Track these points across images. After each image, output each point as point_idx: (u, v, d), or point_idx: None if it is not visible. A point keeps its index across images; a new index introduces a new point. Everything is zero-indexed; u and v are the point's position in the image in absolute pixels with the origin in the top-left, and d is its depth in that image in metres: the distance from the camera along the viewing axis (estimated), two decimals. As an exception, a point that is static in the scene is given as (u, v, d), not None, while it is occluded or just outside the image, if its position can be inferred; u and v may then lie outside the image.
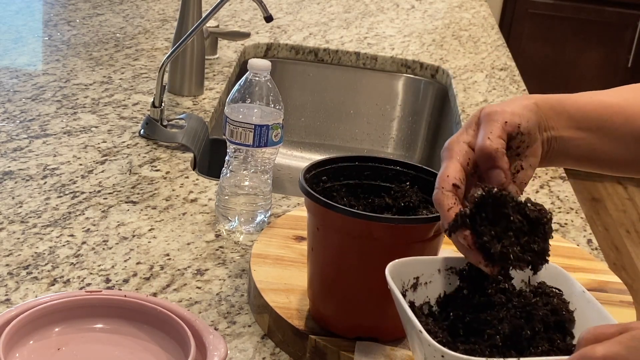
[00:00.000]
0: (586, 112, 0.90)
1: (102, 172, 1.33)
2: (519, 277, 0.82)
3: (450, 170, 0.81)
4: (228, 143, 1.18)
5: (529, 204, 0.78)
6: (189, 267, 1.10)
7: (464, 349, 0.75)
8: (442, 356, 0.69)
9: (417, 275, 0.82)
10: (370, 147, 2.02)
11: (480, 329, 0.78)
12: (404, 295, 0.80)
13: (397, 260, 0.81)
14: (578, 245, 1.25)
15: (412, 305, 0.80)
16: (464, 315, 0.80)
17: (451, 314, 0.80)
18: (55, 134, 1.44)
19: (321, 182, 0.96)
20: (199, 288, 1.06)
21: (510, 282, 0.81)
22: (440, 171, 0.82)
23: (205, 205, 1.26)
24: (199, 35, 1.66)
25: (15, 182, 1.27)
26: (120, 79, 1.71)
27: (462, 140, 0.84)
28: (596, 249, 1.27)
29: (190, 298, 1.04)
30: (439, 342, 0.72)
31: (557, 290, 0.80)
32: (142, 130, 1.47)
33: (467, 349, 0.75)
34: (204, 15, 1.45)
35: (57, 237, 1.14)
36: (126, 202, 1.25)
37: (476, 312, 0.79)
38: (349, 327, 0.93)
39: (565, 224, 1.34)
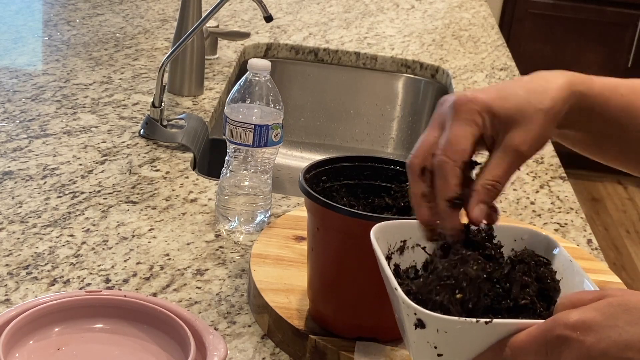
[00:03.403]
0: (611, 118, 0.84)
1: (102, 172, 1.33)
2: (508, 245, 0.80)
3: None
4: (228, 143, 1.18)
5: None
6: (189, 267, 1.10)
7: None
8: (415, 314, 0.68)
9: (404, 239, 0.80)
10: (370, 147, 2.02)
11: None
12: (390, 258, 0.78)
13: (383, 223, 0.79)
14: (578, 245, 1.25)
15: (397, 268, 0.79)
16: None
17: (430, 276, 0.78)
18: (55, 134, 1.44)
19: (321, 182, 0.96)
20: (198, 288, 1.06)
21: (498, 250, 0.80)
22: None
23: (205, 205, 1.26)
24: (199, 35, 1.66)
25: (15, 182, 1.27)
26: (120, 79, 1.71)
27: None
28: (596, 249, 1.27)
29: (190, 298, 1.04)
30: (415, 301, 0.70)
31: (544, 260, 0.79)
32: (142, 130, 1.47)
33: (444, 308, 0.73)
34: (204, 15, 1.45)
35: (57, 237, 1.14)
36: (126, 202, 1.25)
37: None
38: (349, 327, 0.93)
39: (565, 224, 1.34)
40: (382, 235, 0.78)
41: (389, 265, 0.77)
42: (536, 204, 1.40)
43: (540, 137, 0.78)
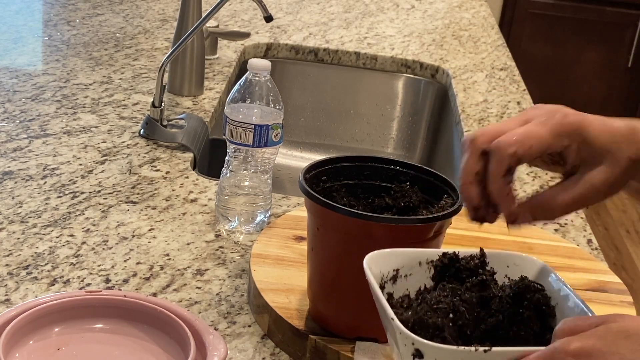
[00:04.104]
0: None
1: (102, 172, 1.33)
2: (502, 272, 0.81)
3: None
4: (228, 143, 1.18)
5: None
6: (189, 267, 1.10)
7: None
8: (413, 344, 0.68)
9: (396, 267, 0.80)
10: (370, 147, 2.02)
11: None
12: (383, 287, 0.79)
13: (376, 252, 0.79)
14: (578, 245, 1.25)
15: (390, 297, 0.79)
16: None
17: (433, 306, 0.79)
18: (55, 134, 1.44)
19: (321, 182, 0.96)
20: (199, 288, 1.06)
21: (492, 278, 0.80)
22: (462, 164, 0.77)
23: (205, 205, 1.26)
24: (199, 35, 1.66)
25: (15, 182, 1.27)
26: (120, 79, 1.71)
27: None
28: (596, 249, 1.27)
29: (190, 298, 1.04)
30: (411, 331, 0.71)
31: (539, 286, 0.79)
32: (142, 130, 1.47)
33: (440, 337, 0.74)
34: (204, 15, 1.45)
35: (57, 237, 1.14)
36: (126, 202, 1.25)
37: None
38: (349, 327, 0.93)
39: (565, 224, 1.34)
40: (375, 265, 0.78)
41: (382, 294, 0.77)
42: (536, 204, 1.39)
43: (620, 182, 0.76)
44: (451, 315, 0.74)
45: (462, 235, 1.17)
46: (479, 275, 0.79)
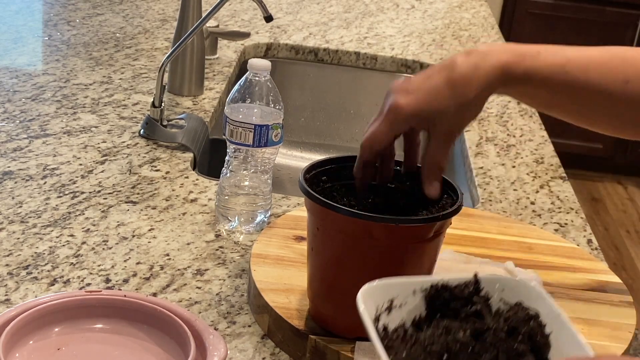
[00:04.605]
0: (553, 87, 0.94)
1: (102, 172, 1.33)
2: (496, 295, 0.80)
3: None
4: (228, 143, 1.18)
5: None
6: (189, 267, 1.10)
7: None
8: None
9: (391, 298, 0.79)
10: (370, 147, 2.02)
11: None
12: (378, 319, 0.77)
13: (370, 284, 0.78)
14: (578, 245, 1.25)
15: (385, 329, 0.78)
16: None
17: (426, 347, 0.78)
18: (55, 134, 1.44)
19: (321, 182, 0.96)
20: (199, 288, 1.06)
21: (487, 304, 0.80)
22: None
23: (205, 205, 1.26)
24: (199, 35, 1.66)
25: (15, 182, 1.27)
26: (120, 79, 1.71)
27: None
28: (596, 249, 1.27)
29: (190, 298, 1.04)
30: None
31: (533, 312, 0.78)
32: (142, 130, 1.46)
33: None
34: (204, 15, 1.45)
35: (57, 237, 1.14)
36: (126, 202, 1.25)
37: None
38: (349, 327, 0.93)
39: (565, 224, 1.34)
40: (369, 298, 0.77)
41: (377, 326, 0.76)
42: (536, 204, 1.40)
43: (467, 120, 0.92)
44: (445, 357, 0.73)
45: (462, 235, 1.17)
46: (473, 304, 0.79)
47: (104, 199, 1.25)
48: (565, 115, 0.98)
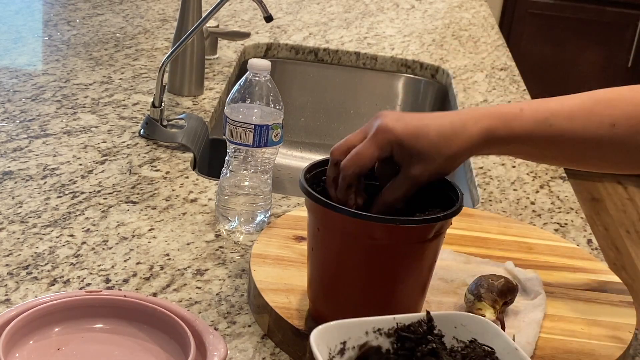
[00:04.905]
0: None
1: (102, 172, 1.33)
2: (450, 333, 0.80)
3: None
4: (228, 143, 1.18)
5: None
6: (189, 267, 1.10)
7: None
8: None
9: (343, 340, 0.78)
10: (370, 147, 2.02)
11: None
12: None
13: (322, 326, 0.78)
14: (578, 245, 1.25)
15: None
16: None
17: None
18: (55, 134, 1.44)
19: (321, 182, 0.96)
20: (199, 288, 1.06)
21: (441, 341, 0.80)
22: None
23: (205, 205, 1.26)
24: (199, 35, 1.66)
25: (15, 182, 1.27)
26: (120, 79, 1.71)
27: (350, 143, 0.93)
28: (596, 249, 1.27)
29: (190, 298, 1.04)
30: None
31: (489, 349, 0.78)
32: (142, 130, 1.47)
33: None
34: (204, 15, 1.45)
35: (57, 237, 1.14)
36: (126, 202, 1.25)
37: None
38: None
39: (565, 224, 1.34)
40: (322, 340, 0.76)
41: None
42: (536, 204, 1.40)
43: (438, 173, 0.93)
44: None
45: (462, 235, 1.17)
46: (428, 342, 0.78)
47: (104, 199, 1.25)
48: (559, 164, 1.01)
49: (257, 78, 1.16)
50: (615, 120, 0.94)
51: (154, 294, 1.04)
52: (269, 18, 1.47)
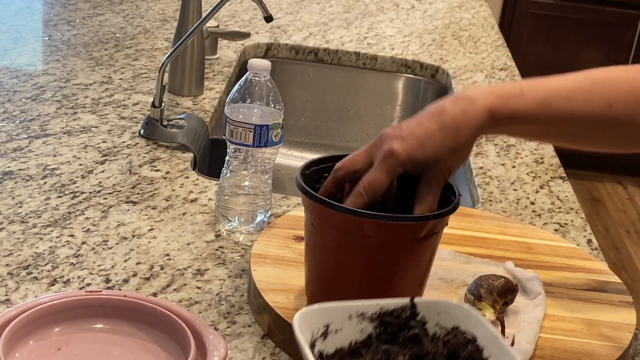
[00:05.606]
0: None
1: (102, 172, 1.33)
2: (433, 320, 0.80)
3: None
4: (228, 143, 1.18)
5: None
6: (189, 267, 1.10)
7: None
8: None
9: (326, 323, 0.78)
10: (370, 147, 2.02)
11: None
12: (314, 346, 0.77)
13: (305, 309, 0.77)
14: (578, 245, 1.25)
15: (321, 355, 0.77)
16: None
17: None
18: (55, 134, 1.44)
19: (322, 179, 0.97)
20: (199, 288, 1.06)
21: (424, 328, 0.80)
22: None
23: (205, 205, 1.26)
24: (199, 35, 1.66)
25: (15, 182, 1.27)
26: (120, 79, 1.71)
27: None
28: (596, 249, 1.27)
29: (190, 298, 1.04)
30: None
31: (470, 336, 0.78)
32: (142, 130, 1.47)
33: None
34: (204, 15, 1.45)
35: (57, 237, 1.14)
36: (126, 202, 1.25)
37: None
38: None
39: (565, 224, 1.34)
40: (304, 322, 0.76)
41: (313, 352, 0.76)
42: (536, 204, 1.40)
43: (458, 164, 0.95)
44: None
45: (462, 235, 1.17)
46: (410, 328, 0.79)
47: (104, 199, 1.25)
48: (557, 142, 1.02)
49: (257, 78, 1.16)
50: (613, 100, 0.95)
51: (154, 294, 1.04)
52: (269, 18, 1.47)
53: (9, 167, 1.31)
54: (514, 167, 1.53)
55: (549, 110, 0.95)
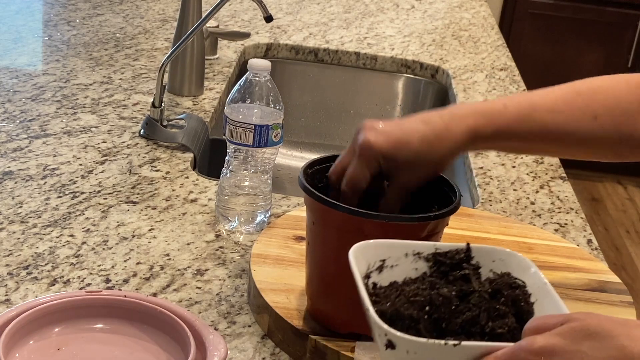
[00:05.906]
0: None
1: (102, 172, 1.33)
2: (487, 266, 0.81)
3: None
4: (228, 143, 1.18)
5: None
6: (189, 267, 1.10)
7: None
8: (386, 334, 0.69)
9: (383, 258, 0.81)
10: (370, 147, 2.02)
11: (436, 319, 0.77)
12: (369, 277, 0.80)
13: (362, 242, 0.80)
14: (578, 245, 1.25)
15: (375, 286, 0.80)
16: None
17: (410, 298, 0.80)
18: (55, 134, 1.44)
19: (325, 179, 0.97)
20: (199, 288, 1.06)
21: (476, 272, 0.81)
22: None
23: (205, 205, 1.26)
24: (199, 35, 1.66)
25: (15, 182, 1.27)
26: (120, 79, 1.71)
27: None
28: (596, 249, 1.27)
29: (190, 298, 1.04)
30: (388, 321, 0.72)
31: (520, 282, 0.80)
32: (142, 131, 1.47)
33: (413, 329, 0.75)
34: (204, 15, 1.45)
35: (57, 237, 1.14)
36: (126, 202, 1.25)
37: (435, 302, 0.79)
38: (345, 323, 0.93)
39: (565, 224, 1.34)
40: (361, 255, 0.79)
41: (367, 283, 0.78)
42: (536, 204, 1.40)
43: (426, 177, 0.95)
44: (427, 308, 0.75)
45: (462, 235, 1.17)
46: (462, 269, 0.80)
47: (104, 199, 1.25)
48: (546, 154, 1.00)
49: (257, 78, 1.16)
50: (597, 112, 0.95)
51: (154, 294, 1.04)
52: (269, 18, 1.47)
53: (9, 167, 1.31)
54: (514, 167, 1.53)
55: (533, 124, 0.94)
